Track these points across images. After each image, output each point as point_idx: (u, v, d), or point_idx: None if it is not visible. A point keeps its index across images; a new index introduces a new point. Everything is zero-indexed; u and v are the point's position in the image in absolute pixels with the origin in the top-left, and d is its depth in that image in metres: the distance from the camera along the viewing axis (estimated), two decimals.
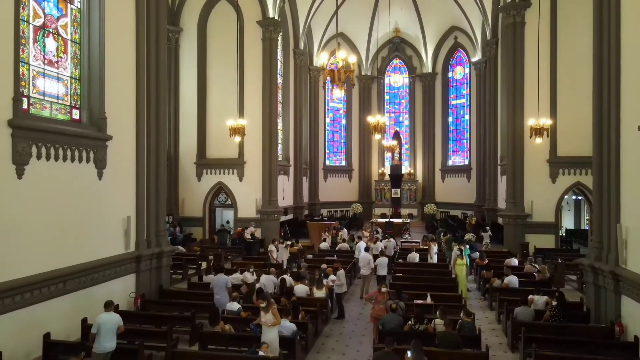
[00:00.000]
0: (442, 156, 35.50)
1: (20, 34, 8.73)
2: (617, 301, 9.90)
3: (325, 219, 29.87)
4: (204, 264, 17.39)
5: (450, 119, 35.39)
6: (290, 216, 27.56)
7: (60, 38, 10.09)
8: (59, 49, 10.05)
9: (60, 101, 10.11)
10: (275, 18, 23.58)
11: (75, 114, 10.54)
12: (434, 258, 16.28)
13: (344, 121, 36.82)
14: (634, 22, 9.64)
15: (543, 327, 9.52)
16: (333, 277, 12.39)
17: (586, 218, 25.06)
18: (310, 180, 32.70)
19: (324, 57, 8.83)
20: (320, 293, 11.52)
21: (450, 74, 35.17)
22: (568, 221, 28.80)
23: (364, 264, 14.08)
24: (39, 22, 9.52)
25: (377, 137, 19.50)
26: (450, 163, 35.33)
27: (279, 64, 26.17)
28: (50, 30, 9.81)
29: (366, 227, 22.42)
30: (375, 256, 15.18)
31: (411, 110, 36.88)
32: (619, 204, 9.96)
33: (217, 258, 17.75)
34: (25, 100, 8.96)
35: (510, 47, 21.54)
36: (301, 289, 11.55)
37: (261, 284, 11.77)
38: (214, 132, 24.06)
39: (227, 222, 24.22)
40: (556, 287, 13.30)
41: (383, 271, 14.31)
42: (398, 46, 36.09)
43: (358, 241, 17.12)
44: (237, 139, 18.45)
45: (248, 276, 13.03)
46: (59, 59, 10.04)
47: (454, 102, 35.12)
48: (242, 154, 23.63)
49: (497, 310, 11.90)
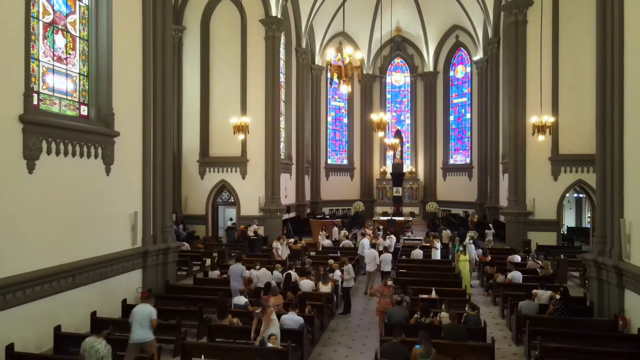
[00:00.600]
0: (444, 155, 35.56)
1: (31, 30, 8.83)
2: (621, 295, 10.01)
3: (327, 217, 30.00)
4: (208, 261, 17.52)
5: (451, 118, 35.45)
6: (292, 214, 27.65)
7: (69, 35, 10.19)
8: (68, 45, 10.15)
9: (69, 97, 10.22)
10: (278, 17, 23.70)
11: (84, 110, 10.65)
12: (437, 255, 16.38)
13: (345, 120, 36.89)
14: (637, 18, 9.74)
15: (547, 321, 9.62)
16: (339, 273, 12.50)
17: (587, 216, 25.14)
18: (312, 179, 32.79)
19: (330, 53, 8.96)
20: (325, 288, 11.63)
21: (451, 73, 35.22)
22: (569, 219, 28.88)
23: (370, 260, 14.24)
24: (49, 19, 9.62)
25: (380, 135, 19.58)
26: (451, 161, 35.40)
27: (282, 63, 26.27)
28: (59, 27, 9.91)
29: (369, 225, 22.53)
30: (379, 252, 15.27)
31: (412, 109, 36.94)
32: (622, 199, 10.07)
33: (222, 255, 17.87)
34: (35, 96, 9.06)
35: (512, 46, 21.64)
36: (307, 283, 11.65)
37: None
38: (216, 131, 24.18)
39: (231, 219, 24.33)
40: (559, 283, 13.38)
41: (387, 267, 14.45)
42: (399, 45, 36.15)
43: (362, 238, 17.22)
44: (241, 137, 18.54)
45: (254, 273, 13.11)
46: (68, 56, 10.14)
47: (455, 101, 35.18)
48: (245, 152, 23.76)
49: (501, 305, 11.99)
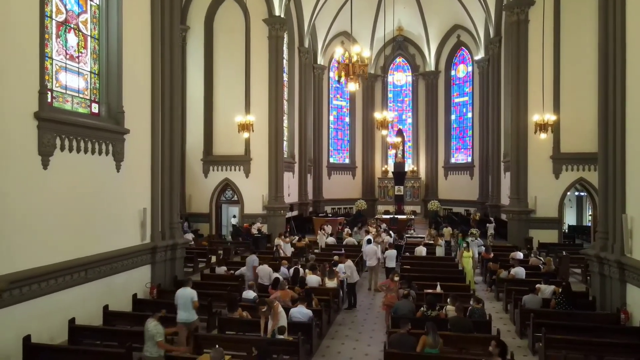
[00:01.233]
0: (445, 154, 35.72)
1: (45, 29, 9.01)
2: (623, 289, 10.19)
3: (330, 215, 30.20)
4: (214, 258, 17.72)
5: (453, 117, 35.61)
6: (295, 212, 27.82)
7: (80, 34, 10.37)
8: (80, 44, 10.34)
9: (80, 95, 10.40)
10: (281, 16, 23.87)
11: (95, 108, 10.83)
12: (441, 252, 16.58)
13: (347, 119, 37.05)
14: (639, 17, 9.91)
15: (551, 314, 9.80)
16: (342, 269, 12.68)
17: (589, 214, 25.30)
18: (314, 178, 32.95)
19: (339, 52, 9.14)
20: (332, 283, 11.81)
21: (453, 72, 35.38)
22: (570, 218, 29.04)
23: (370, 255, 14.53)
24: (61, 18, 9.80)
25: (384, 133, 19.75)
26: (453, 160, 35.56)
27: (284, 62, 26.44)
28: (72, 25, 10.09)
29: (372, 223, 22.74)
30: (384, 249, 15.47)
31: (414, 108, 37.08)
32: (625, 195, 10.24)
33: (227, 252, 18.07)
34: (49, 93, 9.22)
35: (514, 45, 21.80)
36: (313, 279, 11.84)
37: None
38: (220, 129, 24.33)
39: (234, 217, 24.51)
40: (561, 279, 13.56)
41: (392, 263, 14.65)
42: (401, 44, 36.30)
43: (365, 235, 17.44)
44: (246, 135, 18.72)
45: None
46: (80, 54, 10.33)
47: (456, 100, 35.34)
48: (249, 150, 23.92)
49: (505, 300, 12.18)
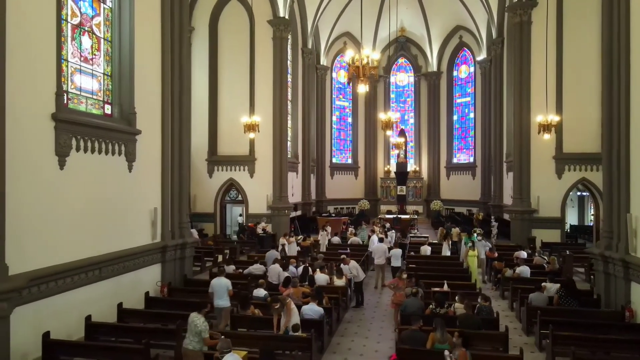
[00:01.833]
0: (447, 154, 35.89)
1: (61, 32, 9.18)
2: (627, 287, 10.35)
3: (333, 215, 30.37)
4: (220, 257, 17.92)
5: (455, 117, 35.79)
6: (299, 212, 27.99)
7: (94, 36, 10.54)
8: (93, 46, 10.51)
9: (94, 96, 10.57)
10: (286, 17, 24.05)
11: (107, 109, 11.00)
12: (447, 251, 16.77)
13: (350, 119, 37.24)
14: None
15: (557, 311, 9.97)
16: (347, 270, 12.81)
17: (591, 214, 25.47)
18: (317, 178, 33.14)
19: (350, 54, 9.31)
20: (340, 282, 11.98)
21: (455, 73, 35.55)
22: (572, 217, 29.20)
23: (379, 254, 14.72)
24: (76, 21, 9.97)
25: (389, 134, 19.94)
26: (455, 161, 35.73)
27: (288, 63, 26.59)
28: (86, 28, 10.26)
29: (376, 223, 22.95)
30: (389, 248, 15.66)
31: (416, 109, 37.27)
32: (629, 194, 10.40)
33: (233, 251, 18.25)
34: (65, 95, 9.39)
35: (516, 46, 21.97)
36: (322, 277, 12.00)
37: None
38: (225, 129, 24.52)
39: (241, 215, 24.70)
40: (566, 277, 13.73)
41: (397, 262, 14.80)
42: (403, 45, 36.47)
43: (371, 235, 17.61)
44: (252, 135, 18.91)
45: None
46: (93, 56, 10.50)
47: (459, 101, 35.52)
48: (253, 150, 24.09)
49: (510, 299, 12.37)
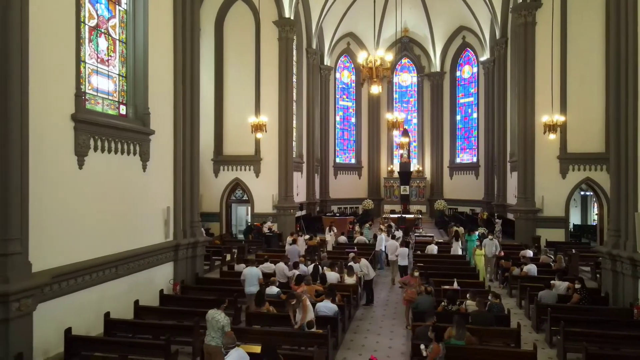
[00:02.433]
0: (450, 154, 36.07)
1: (79, 34, 9.33)
2: (635, 285, 10.51)
3: (337, 215, 30.52)
4: (228, 256, 18.10)
5: (458, 117, 35.97)
6: (303, 212, 28.13)
7: (110, 38, 10.71)
8: (109, 48, 10.67)
9: (110, 97, 10.73)
10: (291, 18, 24.21)
11: (122, 109, 11.17)
12: (458, 250, 16.95)
13: (353, 119, 37.41)
14: None
15: (566, 309, 10.13)
16: (358, 268, 12.99)
17: (595, 213, 25.60)
18: (321, 177, 33.29)
19: (363, 56, 9.47)
20: (350, 280, 12.14)
21: (458, 73, 35.72)
22: (575, 217, 29.33)
23: (392, 250, 15.22)
24: (93, 23, 10.13)
25: (395, 134, 20.10)
26: (458, 160, 35.91)
27: (294, 63, 26.76)
28: (102, 30, 10.42)
29: (383, 222, 23.13)
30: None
31: (419, 109, 37.45)
32: (637, 193, 10.56)
33: (241, 250, 18.42)
34: (83, 96, 9.56)
35: (521, 47, 22.13)
36: (332, 275, 12.16)
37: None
38: (230, 130, 24.66)
39: (250, 216, 24.89)
40: (572, 276, 13.89)
41: (404, 261, 14.90)
42: (407, 45, 36.64)
43: (379, 233, 17.78)
44: (259, 136, 19.08)
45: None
46: (109, 58, 10.66)
47: (462, 101, 35.69)
48: (259, 150, 24.24)
49: (518, 297, 12.53)
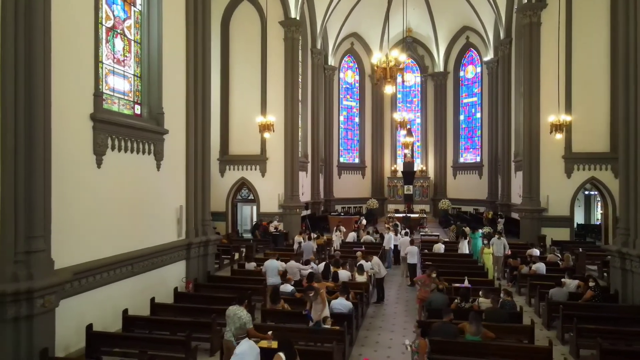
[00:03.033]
0: (454, 153, 36.16)
1: (97, 35, 9.45)
2: None
3: (342, 214, 30.64)
4: (237, 255, 18.23)
5: (461, 117, 36.06)
6: (308, 211, 28.27)
7: (125, 38, 10.83)
8: (125, 48, 10.79)
9: (125, 97, 10.86)
10: (297, 18, 24.33)
11: (137, 109, 11.29)
12: (465, 249, 17.06)
13: (357, 119, 37.52)
14: None
15: (577, 306, 10.25)
16: (370, 266, 13.12)
17: (600, 212, 25.71)
18: (325, 177, 33.40)
19: (377, 56, 9.59)
20: (361, 278, 12.27)
21: (461, 73, 35.82)
22: (578, 216, 29.46)
23: (404, 247, 15.63)
24: (110, 24, 10.26)
25: (403, 133, 20.24)
26: (461, 160, 36.00)
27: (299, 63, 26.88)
28: (118, 31, 10.55)
29: (388, 221, 23.27)
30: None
31: (423, 109, 37.52)
32: None
33: (249, 249, 18.56)
34: (101, 96, 9.67)
35: (526, 47, 22.24)
36: (344, 274, 12.28)
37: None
38: (236, 129, 24.76)
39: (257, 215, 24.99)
40: (581, 274, 14.01)
41: (413, 259, 14.97)
42: (410, 45, 36.69)
43: (386, 232, 17.92)
44: (267, 136, 19.21)
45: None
46: (125, 58, 10.78)
47: (465, 101, 35.79)
48: (265, 150, 24.35)
49: (528, 295, 12.66)
